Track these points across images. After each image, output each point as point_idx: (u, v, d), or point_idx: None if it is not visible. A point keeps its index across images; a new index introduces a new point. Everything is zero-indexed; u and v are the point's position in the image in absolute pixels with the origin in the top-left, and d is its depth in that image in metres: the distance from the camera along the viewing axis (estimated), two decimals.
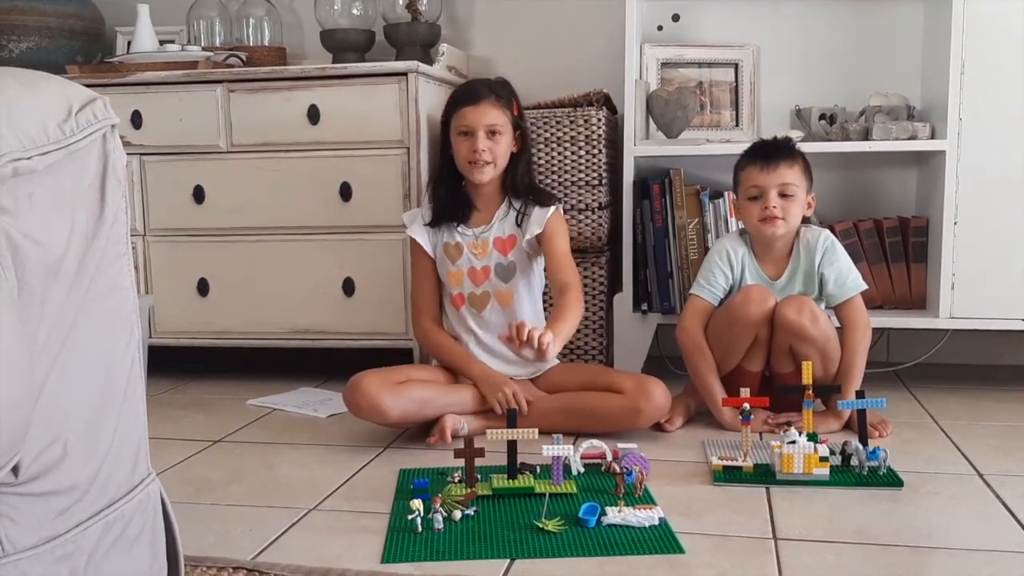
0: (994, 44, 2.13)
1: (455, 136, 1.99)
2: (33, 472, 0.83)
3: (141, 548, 0.99)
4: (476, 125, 1.94)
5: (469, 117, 1.95)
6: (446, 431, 1.84)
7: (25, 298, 0.81)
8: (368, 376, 1.84)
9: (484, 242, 2.01)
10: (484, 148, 1.94)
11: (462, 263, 2.01)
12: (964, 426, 1.98)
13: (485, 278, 2.01)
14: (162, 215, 2.46)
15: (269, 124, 2.38)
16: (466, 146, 1.96)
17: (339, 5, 2.69)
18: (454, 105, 2.00)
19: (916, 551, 1.32)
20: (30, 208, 0.82)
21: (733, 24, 2.57)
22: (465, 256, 2.01)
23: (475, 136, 1.94)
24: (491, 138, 1.96)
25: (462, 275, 2.02)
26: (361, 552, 1.33)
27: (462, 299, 2.02)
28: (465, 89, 2.03)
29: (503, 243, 2.02)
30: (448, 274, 2.03)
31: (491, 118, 1.95)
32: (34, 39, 2.64)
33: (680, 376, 2.15)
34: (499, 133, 1.96)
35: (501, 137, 1.97)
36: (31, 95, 0.86)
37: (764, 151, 1.99)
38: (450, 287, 2.03)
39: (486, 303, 2.01)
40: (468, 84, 2.07)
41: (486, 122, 1.95)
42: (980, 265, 2.17)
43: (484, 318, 2.02)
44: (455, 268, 2.02)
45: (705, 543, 1.35)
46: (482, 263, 2.01)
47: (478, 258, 2.01)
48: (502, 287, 2.01)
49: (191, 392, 2.43)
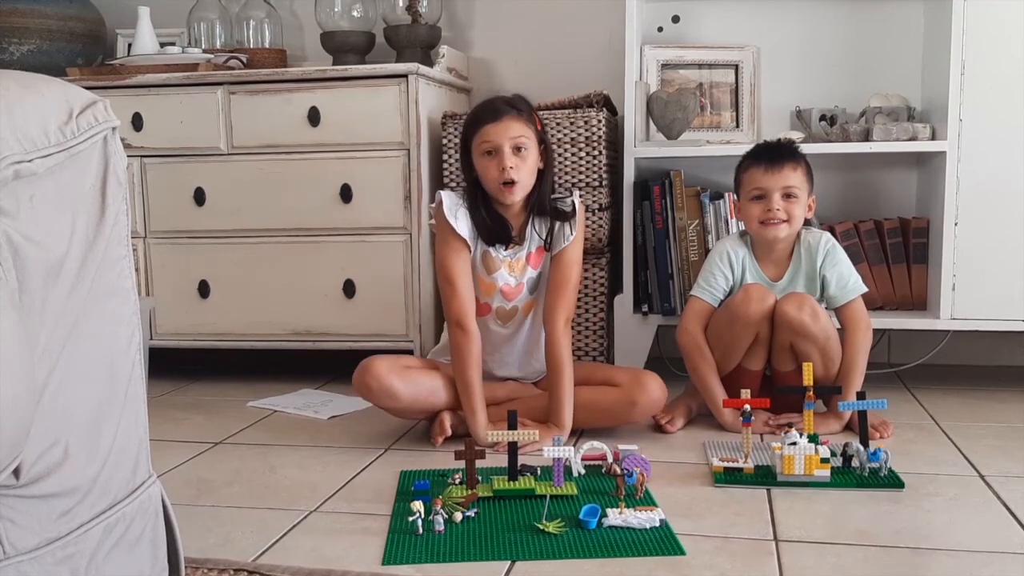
0: (994, 45, 2.13)
1: (479, 158, 1.86)
2: (34, 474, 0.84)
3: (142, 550, 1.00)
4: (500, 141, 1.82)
5: (492, 134, 1.83)
6: (445, 423, 1.85)
7: (26, 300, 0.81)
8: (378, 359, 1.85)
9: (519, 261, 1.94)
10: (512, 164, 1.82)
11: (497, 277, 1.93)
12: (965, 427, 1.97)
13: (518, 294, 1.95)
14: (163, 217, 2.47)
15: (270, 126, 2.38)
16: (493, 165, 1.83)
17: (339, 7, 2.69)
18: (474, 125, 1.87)
19: (917, 552, 1.32)
20: (31, 210, 0.82)
21: (733, 25, 2.57)
22: (502, 272, 1.93)
23: (501, 153, 1.82)
24: (517, 154, 1.83)
25: (495, 289, 1.94)
26: (362, 554, 1.33)
27: (488, 309, 1.95)
28: (484, 107, 1.90)
29: (534, 258, 1.96)
30: (480, 281, 1.94)
31: (515, 131, 1.83)
32: (35, 41, 2.64)
33: (681, 377, 2.14)
34: (525, 148, 1.84)
35: (527, 153, 1.84)
36: (32, 98, 0.87)
37: (768, 153, 1.99)
38: (479, 293, 1.95)
39: (513, 315, 1.97)
40: (486, 102, 1.92)
41: (511, 135, 1.82)
42: (981, 266, 2.17)
43: (508, 328, 1.98)
44: (489, 279, 1.93)
45: (706, 545, 1.35)
46: (517, 281, 1.94)
47: (514, 276, 1.94)
48: (529, 299, 1.97)
49: (192, 394, 2.43)
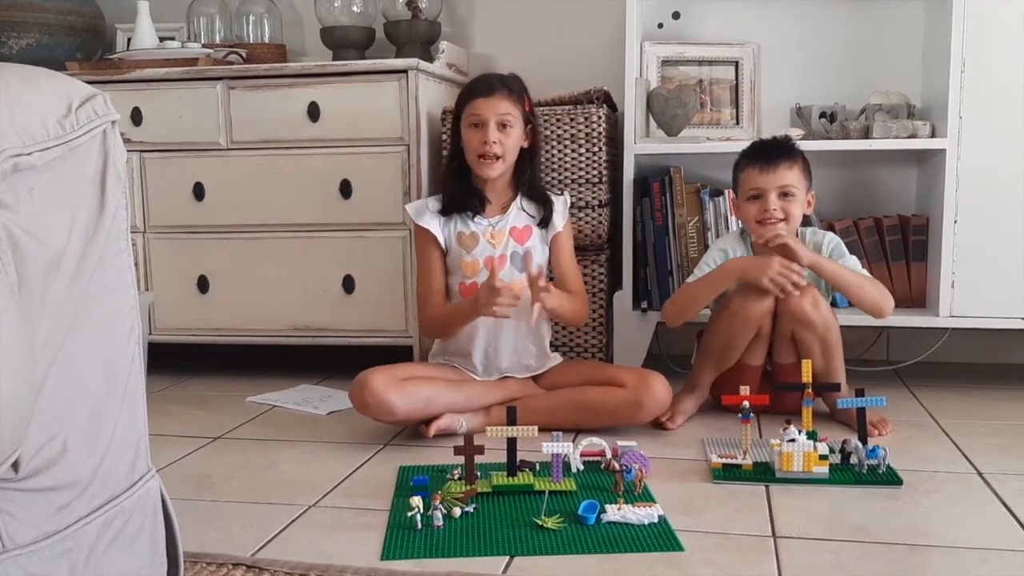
0: (994, 43, 2.13)
1: (466, 128, 1.98)
2: (33, 468, 0.83)
3: (141, 544, 1.00)
4: (488, 116, 1.94)
5: (481, 108, 1.95)
6: (431, 427, 1.86)
7: (26, 293, 0.81)
8: (374, 373, 1.84)
9: (500, 231, 2.01)
10: (495, 140, 1.94)
11: (478, 252, 2.00)
12: (963, 425, 1.98)
13: (502, 267, 1.99)
14: (162, 212, 2.46)
15: (269, 121, 2.38)
16: (477, 137, 1.95)
17: (339, 2, 2.69)
18: (466, 97, 1.99)
19: (915, 549, 1.32)
20: (30, 204, 0.82)
21: (734, 22, 2.57)
22: (481, 245, 2.01)
23: (486, 127, 1.94)
24: (502, 130, 1.95)
25: (478, 264, 2.00)
26: (361, 549, 1.33)
27: (476, 288, 1.98)
28: (478, 81, 2.03)
29: (519, 233, 2.02)
30: (463, 263, 2.01)
31: (503, 108, 1.94)
32: (34, 36, 2.64)
33: (681, 374, 2.15)
34: (510, 126, 1.95)
35: (511, 130, 1.96)
36: (32, 91, 0.86)
37: (764, 152, 1.98)
38: (464, 276, 2.01)
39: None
40: (481, 77, 2.05)
41: (498, 111, 1.94)
42: (980, 264, 2.17)
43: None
44: (471, 258, 2.00)
45: (704, 541, 1.35)
46: (499, 252, 2.00)
47: (495, 247, 2.01)
48: (517, 276, 2.00)
49: (191, 389, 2.43)
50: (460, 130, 2.01)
